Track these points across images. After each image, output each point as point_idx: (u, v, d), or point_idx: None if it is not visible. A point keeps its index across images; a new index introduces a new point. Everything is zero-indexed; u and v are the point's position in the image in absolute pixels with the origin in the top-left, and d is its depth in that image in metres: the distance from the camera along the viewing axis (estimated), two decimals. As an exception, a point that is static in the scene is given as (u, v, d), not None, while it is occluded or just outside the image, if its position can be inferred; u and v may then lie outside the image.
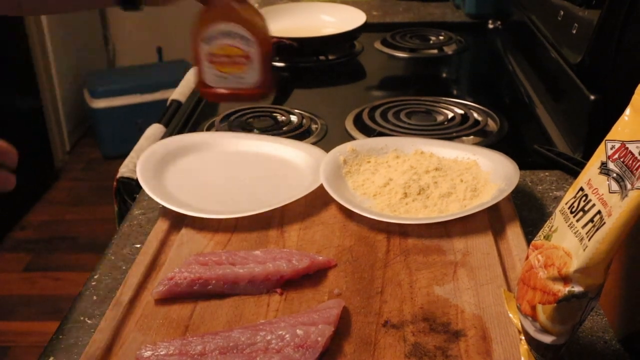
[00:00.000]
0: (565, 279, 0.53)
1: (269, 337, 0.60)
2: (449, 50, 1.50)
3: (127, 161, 1.06)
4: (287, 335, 0.60)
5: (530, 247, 0.60)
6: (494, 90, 1.32)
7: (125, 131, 2.95)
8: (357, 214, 0.80)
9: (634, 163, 0.52)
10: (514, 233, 0.77)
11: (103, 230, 2.58)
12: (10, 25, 2.75)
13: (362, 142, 0.95)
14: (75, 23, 3.21)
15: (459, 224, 0.79)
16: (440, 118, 1.12)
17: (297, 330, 0.60)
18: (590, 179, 0.56)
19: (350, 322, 0.64)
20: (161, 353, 0.60)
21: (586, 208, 0.54)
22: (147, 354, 0.60)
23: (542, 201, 0.88)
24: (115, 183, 1.02)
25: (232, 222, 0.81)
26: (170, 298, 0.68)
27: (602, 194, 0.54)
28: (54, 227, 2.75)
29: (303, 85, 1.07)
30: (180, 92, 1.35)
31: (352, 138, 1.04)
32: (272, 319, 0.65)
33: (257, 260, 0.71)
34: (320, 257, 0.72)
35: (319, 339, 0.60)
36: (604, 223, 0.51)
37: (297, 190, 0.84)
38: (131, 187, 0.99)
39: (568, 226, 0.56)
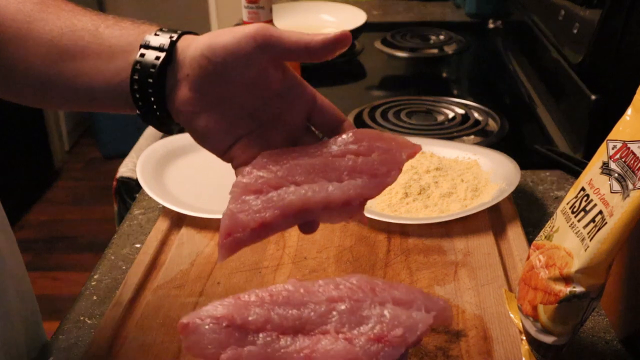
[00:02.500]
0: (566, 279, 0.53)
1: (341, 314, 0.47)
2: (449, 50, 1.50)
3: (127, 161, 1.06)
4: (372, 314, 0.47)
5: (532, 247, 0.60)
6: (495, 90, 1.32)
7: (124, 131, 2.94)
8: (357, 213, 0.80)
9: (636, 163, 0.52)
10: (515, 233, 0.77)
11: (103, 230, 2.58)
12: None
13: (363, 142, 0.95)
14: (75, 23, 3.20)
15: (460, 224, 0.79)
16: (440, 118, 1.12)
17: (385, 311, 0.47)
18: (591, 179, 0.56)
19: (350, 322, 0.64)
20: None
21: (587, 208, 0.54)
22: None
23: (543, 201, 0.88)
24: (115, 183, 1.02)
25: (232, 222, 0.81)
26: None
27: (604, 194, 0.53)
28: (54, 227, 2.74)
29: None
30: (180, 91, 1.35)
31: (352, 138, 1.04)
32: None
33: (324, 176, 0.51)
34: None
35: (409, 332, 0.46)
36: (606, 223, 0.51)
37: (298, 190, 0.84)
38: (131, 187, 0.99)
39: (569, 226, 0.56)
